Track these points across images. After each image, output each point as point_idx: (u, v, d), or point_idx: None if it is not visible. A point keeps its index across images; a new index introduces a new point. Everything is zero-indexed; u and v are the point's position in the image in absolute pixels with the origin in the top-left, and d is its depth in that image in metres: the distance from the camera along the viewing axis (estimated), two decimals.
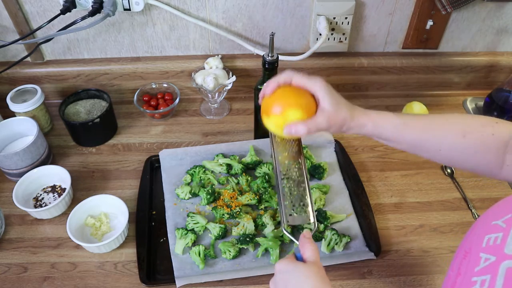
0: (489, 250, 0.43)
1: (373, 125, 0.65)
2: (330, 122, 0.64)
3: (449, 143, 0.64)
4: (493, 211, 0.48)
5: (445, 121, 0.66)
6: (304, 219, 0.67)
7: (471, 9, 1.07)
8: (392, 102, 1.19)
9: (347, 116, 0.64)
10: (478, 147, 0.62)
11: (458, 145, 0.63)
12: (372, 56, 1.15)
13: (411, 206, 0.95)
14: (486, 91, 1.16)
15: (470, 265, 0.44)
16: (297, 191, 0.69)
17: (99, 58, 1.14)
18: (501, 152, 0.61)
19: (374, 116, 0.66)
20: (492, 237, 0.43)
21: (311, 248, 0.60)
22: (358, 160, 1.03)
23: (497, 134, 0.61)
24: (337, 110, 0.64)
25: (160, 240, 0.88)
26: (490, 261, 0.41)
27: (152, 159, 1.01)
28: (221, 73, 1.08)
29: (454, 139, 0.64)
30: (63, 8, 0.97)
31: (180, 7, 1.05)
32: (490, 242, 0.43)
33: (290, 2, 1.04)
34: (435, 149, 0.65)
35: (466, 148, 0.63)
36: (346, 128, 0.66)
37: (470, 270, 0.43)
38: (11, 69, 1.07)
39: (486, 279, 0.40)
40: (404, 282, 0.82)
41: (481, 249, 0.44)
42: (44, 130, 1.08)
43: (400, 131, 0.65)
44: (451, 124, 0.65)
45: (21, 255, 0.86)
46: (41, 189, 0.96)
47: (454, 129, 0.64)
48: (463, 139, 0.63)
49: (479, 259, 0.43)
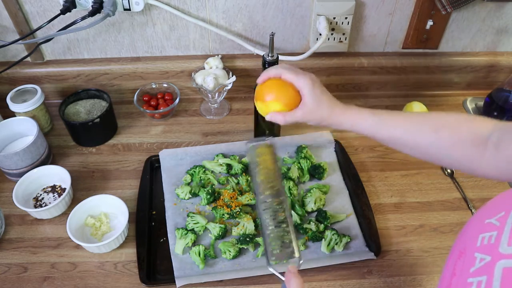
0: (484, 249, 0.42)
1: (351, 124, 0.72)
2: (307, 117, 0.73)
3: (423, 138, 0.67)
4: (486, 209, 0.47)
5: (421, 118, 0.69)
6: (289, 255, 0.67)
7: (471, 9, 1.07)
8: (392, 102, 1.19)
9: (325, 114, 0.72)
10: (452, 141, 0.64)
11: (432, 141, 0.66)
12: (372, 56, 1.15)
13: (411, 206, 0.95)
14: (486, 91, 1.15)
15: (465, 265, 0.43)
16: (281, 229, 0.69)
17: (99, 58, 1.14)
18: (479, 149, 0.62)
19: (352, 114, 0.72)
20: (487, 236, 0.43)
21: (297, 281, 0.61)
22: (358, 160, 1.03)
23: (473, 131, 0.63)
24: (317, 107, 0.72)
25: (160, 240, 0.88)
26: (485, 261, 0.41)
27: (152, 159, 1.01)
28: (221, 73, 1.08)
29: (428, 135, 0.66)
30: (63, 8, 0.97)
31: (180, 7, 1.05)
32: (485, 241, 0.42)
33: (290, 2, 1.04)
34: (412, 145, 0.68)
35: (440, 143, 0.65)
36: (326, 124, 0.74)
37: (466, 270, 0.43)
38: (11, 69, 1.07)
39: (482, 280, 0.39)
40: (404, 282, 0.82)
41: (475, 248, 0.43)
42: (44, 130, 1.08)
43: (376, 128, 0.70)
44: (426, 120, 0.68)
45: (21, 255, 0.86)
46: (41, 189, 0.96)
47: (428, 124, 0.67)
48: (435, 134, 0.65)
49: (474, 259, 0.42)
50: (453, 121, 0.66)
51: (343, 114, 0.72)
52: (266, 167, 0.74)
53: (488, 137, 0.61)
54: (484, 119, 0.64)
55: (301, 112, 0.72)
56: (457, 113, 0.68)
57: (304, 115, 0.72)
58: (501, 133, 0.60)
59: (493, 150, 0.60)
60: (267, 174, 0.74)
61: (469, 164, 0.64)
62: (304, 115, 0.72)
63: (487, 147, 0.61)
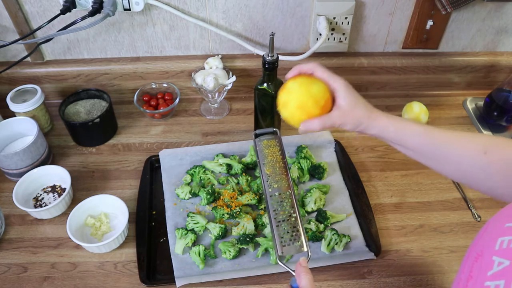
0: (503, 253, 0.41)
1: (395, 130, 0.65)
2: (345, 119, 0.65)
3: (470, 157, 0.61)
4: (506, 212, 0.46)
5: (468, 136, 0.64)
6: (297, 249, 0.67)
7: (471, 9, 1.07)
8: (392, 102, 1.19)
9: (363, 115, 0.65)
10: (499, 167, 0.58)
11: (478, 161, 0.60)
12: (372, 56, 1.15)
13: (411, 206, 0.95)
14: (486, 91, 1.16)
15: (482, 268, 0.42)
16: (289, 222, 0.70)
17: (99, 58, 1.14)
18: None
19: (396, 120, 0.66)
20: (506, 239, 0.42)
21: (307, 277, 0.60)
22: (358, 160, 1.03)
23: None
24: (354, 108, 0.65)
25: (160, 240, 0.88)
26: (504, 265, 0.40)
27: (152, 159, 1.01)
28: (221, 73, 1.08)
29: (475, 154, 0.60)
30: (63, 8, 0.97)
31: (180, 7, 1.05)
32: (504, 245, 0.42)
33: (290, 2, 1.04)
34: (455, 162, 0.63)
35: (486, 166, 0.59)
36: (365, 127, 0.66)
37: (483, 274, 0.42)
38: (11, 69, 1.07)
39: (500, 285, 0.39)
40: (404, 282, 0.82)
41: (494, 252, 0.42)
42: (44, 130, 1.08)
43: (423, 140, 0.65)
44: (473, 138, 0.62)
45: (21, 255, 0.86)
46: (41, 189, 0.96)
47: (476, 143, 0.61)
48: (484, 156, 0.59)
49: (492, 262, 0.41)
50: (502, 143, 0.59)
51: (385, 117, 0.66)
52: (274, 160, 0.74)
53: None
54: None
55: (337, 113, 0.66)
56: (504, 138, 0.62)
57: (342, 116, 0.65)
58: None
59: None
60: (274, 167, 0.74)
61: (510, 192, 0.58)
62: (342, 117, 0.66)
63: None
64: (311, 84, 0.66)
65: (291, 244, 0.68)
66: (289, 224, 0.70)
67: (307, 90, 0.66)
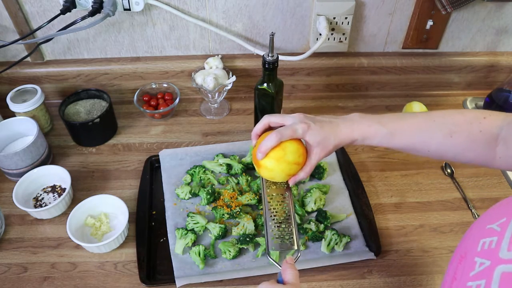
0: (484, 254, 0.42)
1: (361, 139, 0.69)
2: (323, 155, 0.68)
3: (437, 144, 0.67)
4: (488, 214, 0.47)
5: (432, 123, 0.67)
6: (288, 246, 0.68)
7: (471, 9, 1.07)
8: (392, 102, 1.19)
9: (334, 142, 0.68)
10: (466, 145, 0.64)
11: (446, 145, 0.66)
12: (372, 56, 1.15)
13: (411, 206, 0.95)
14: (486, 91, 1.16)
15: (465, 269, 0.44)
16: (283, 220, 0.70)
17: (99, 58, 1.14)
18: (492, 146, 0.62)
19: (361, 129, 0.68)
20: (487, 241, 0.43)
21: (292, 272, 0.62)
22: (358, 160, 1.03)
23: (485, 130, 0.63)
24: (324, 142, 0.67)
25: (160, 240, 0.88)
26: (485, 266, 0.41)
27: (152, 159, 1.01)
28: (221, 73, 1.08)
29: (442, 140, 0.66)
30: (63, 8, 0.97)
31: (180, 7, 1.05)
32: (485, 246, 0.43)
33: (290, 2, 1.04)
34: (425, 150, 0.68)
35: (454, 146, 0.65)
36: (339, 147, 0.70)
37: (466, 274, 0.43)
38: (11, 69, 1.07)
39: (481, 284, 0.40)
40: (404, 282, 0.82)
41: (476, 253, 0.43)
42: (44, 130, 1.08)
43: (388, 140, 0.68)
44: (438, 125, 0.67)
45: (21, 255, 0.86)
46: (41, 189, 0.96)
47: (441, 130, 0.66)
48: (450, 139, 0.65)
49: (474, 263, 0.43)
50: (465, 123, 0.65)
51: (351, 131, 0.68)
52: None
53: (498, 133, 0.62)
54: (492, 115, 0.64)
55: (314, 152, 0.68)
56: (468, 111, 0.68)
57: (318, 157, 0.68)
58: (509, 127, 0.60)
59: (503, 146, 0.61)
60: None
61: (484, 162, 0.65)
62: (319, 157, 0.68)
63: (498, 143, 0.61)
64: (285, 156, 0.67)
65: (281, 241, 0.68)
66: (284, 223, 0.70)
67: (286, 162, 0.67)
